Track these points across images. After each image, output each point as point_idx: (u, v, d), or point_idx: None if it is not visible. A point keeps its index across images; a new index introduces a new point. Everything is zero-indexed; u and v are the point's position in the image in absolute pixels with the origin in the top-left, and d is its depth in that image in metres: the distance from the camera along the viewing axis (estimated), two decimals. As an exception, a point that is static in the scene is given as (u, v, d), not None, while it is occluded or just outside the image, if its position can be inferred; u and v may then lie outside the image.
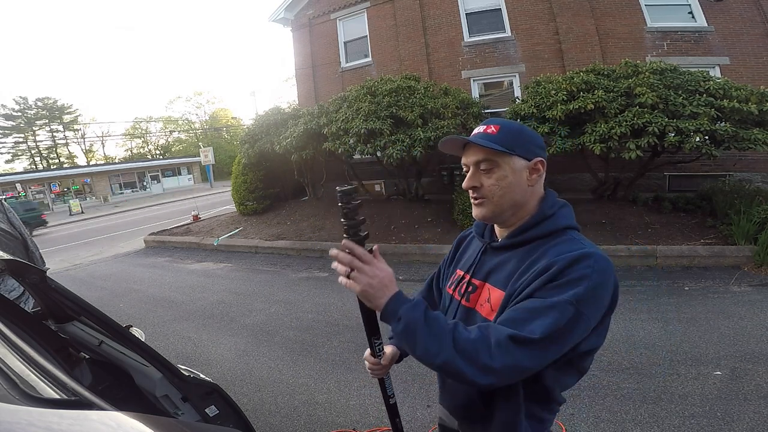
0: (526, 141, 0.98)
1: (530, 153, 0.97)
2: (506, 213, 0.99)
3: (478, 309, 1.01)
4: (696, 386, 2.68)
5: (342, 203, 0.96)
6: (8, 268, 1.34)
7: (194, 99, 47.87)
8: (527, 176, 0.98)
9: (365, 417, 2.72)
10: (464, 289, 1.06)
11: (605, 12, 8.33)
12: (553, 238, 0.95)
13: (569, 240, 0.94)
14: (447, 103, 7.21)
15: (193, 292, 5.89)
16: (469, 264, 1.09)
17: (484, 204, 0.99)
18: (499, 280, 0.98)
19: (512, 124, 1.00)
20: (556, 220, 0.98)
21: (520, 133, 0.98)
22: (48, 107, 40.33)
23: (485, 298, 1.00)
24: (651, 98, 5.43)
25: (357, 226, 0.95)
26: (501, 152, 0.95)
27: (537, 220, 0.98)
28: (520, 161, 0.96)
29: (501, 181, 0.96)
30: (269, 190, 10.38)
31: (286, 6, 11.51)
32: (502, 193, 0.97)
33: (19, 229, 3.68)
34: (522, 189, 0.97)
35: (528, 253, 0.96)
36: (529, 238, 0.97)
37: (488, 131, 0.98)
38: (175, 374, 1.44)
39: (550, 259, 0.89)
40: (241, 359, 3.71)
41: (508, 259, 0.99)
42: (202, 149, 23.80)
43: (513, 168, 0.96)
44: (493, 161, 0.96)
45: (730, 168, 7.48)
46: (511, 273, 0.95)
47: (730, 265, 4.83)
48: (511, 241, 1.00)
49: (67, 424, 0.54)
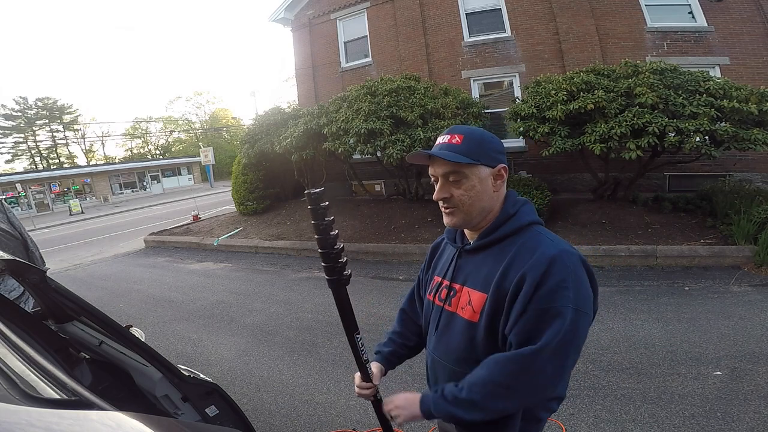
0: (489, 149, 1.02)
1: (494, 160, 1.02)
2: (476, 219, 1.05)
3: (460, 312, 1.05)
4: (696, 386, 2.68)
5: (312, 205, 1.06)
6: (8, 268, 1.34)
7: (194, 99, 47.91)
8: (492, 182, 1.03)
9: (365, 417, 2.72)
10: (445, 294, 1.11)
11: (605, 12, 8.32)
12: (520, 234, 1.02)
13: (535, 235, 1.01)
14: (447, 103, 7.21)
15: (193, 292, 5.89)
16: (445, 269, 1.14)
17: (455, 213, 1.05)
18: (478, 282, 1.03)
19: (474, 132, 1.03)
20: (519, 218, 1.04)
21: (482, 141, 1.02)
22: (48, 107, 40.33)
23: (465, 301, 1.04)
24: (651, 98, 5.43)
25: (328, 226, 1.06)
26: (468, 164, 0.99)
27: (502, 220, 1.04)
28: (486, 169, 1.02)
29: (469, 191, 1.01)
30: (269, 190, 10.38)
31: (286, 6, 11.51)
32: (471, 201, 1.02)
33: (19, 229, 3.68)
34: (488, 195, 1.03)
35: (501, 253, 1.01)
36: (498, 237, 1.03)
37: (453, 141, 1.02)
38: (175, 374, 1.44)
39: (523, 268, 0.94)
40: (241, 359, 3.71)
41: (482, 261, 1.05)
42: (202, 149, 23.85)
43: (480, 177, 1.01)
44: (460, 173, 1.01)
45: (730, 168, 7.48)
46: (489, 274, 1.01)
47: (730, 265, 4.83)
48: (481, 243, 1.06)
49: (67, 424, 0.54)
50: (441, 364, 1.12)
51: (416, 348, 1.35)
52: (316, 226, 1.08)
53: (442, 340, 1.11)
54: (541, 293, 0.90)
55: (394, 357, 1.33)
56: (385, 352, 1.34)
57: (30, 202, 26.96)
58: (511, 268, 0.96)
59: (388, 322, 4.12)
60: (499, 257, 1.01)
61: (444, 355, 1.10)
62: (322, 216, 1.07)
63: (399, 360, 1.34)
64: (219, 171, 36.76)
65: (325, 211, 1.07)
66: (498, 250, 1.02)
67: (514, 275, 0.95)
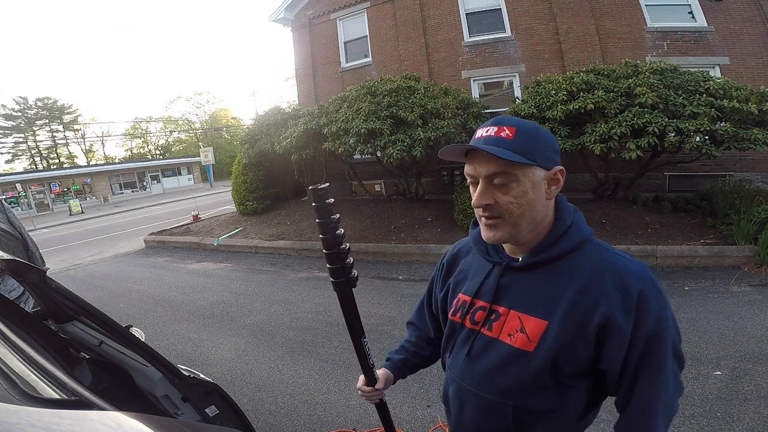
0: (544, 146, 0.84)
1: (550, 161, 0.85)
2: (524, 231, 0.87)
3: (506, 339, 0.90)
4: (696, 386, 2.68)
5: (317, 202, 0.98)
6: (8, 268, 1.34)
7: (194, 99, 47.99)
8: (546, 188, 0.85)
9: (365, 417, 2.72)
10: (482, 317, 0.94)
11: (605, 12, 8.33)
12: (582, 250, 0.87)
13: (600, 250, 0.87)
14: (447, 103, 7.21)
15: (193, 292, 5.89)
16: (477, 288, 0.97)
17: (499, 225, 0.86)
18: (534, 307, 0.87)
19: (527, 126, 0.85)
20: (579, 231, 0.88)
21: (537, 136, 0.84)
22: (48, 107, 40.33)
23: (515, 328, 0.88)
24: (651, 98, 5.43)
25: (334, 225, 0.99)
26: (522, 164, 0.81)
27: (559, 233, 0.87)
28: (541, 172, 0.83)
29: (520, 198, 0.83)
30: (269, 190, 10.38)
31: (286, 6, 11.51)
32: (522, 211, 0.84)
33: (19, 229, 3.68)
34: (541, 204, 0.85)
35: (561, 272, 0.86)
36: (557, 254, 0.87)
37: (502, 135, 0.82)
38: (175, 374, 1.44)
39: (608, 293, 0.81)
40: (241, 359, 3.71)
41: (537, 281, 0.88)
42: (202, 149, 23.86)
43: (533, 181, 0.83)
44: (511, 174, 0.82)
45: (730, 168, 7.48)
46: (551, 298, 0.85)
47: (730, 265, 4.83)
48: (536, 260, 0.88)
49: (67, 424, 0.54)
50: (473, 393, 0.96)
51: (430, 358, 1.24)
52: (322, 224, 1.00)
53: (476, 368, 0.95)
54: (644, 323, 0.79)
55: (404, 365, 1.23)
56: (396, 360, 1.23)
57: (30, 202, 26.96)
58: (587, 293, 0.82)
59: (389, 323, 4.13)
60: (559, 278, 0.85)
61: (479, 385, 0.95)
62: (327, 214, 0.99)
63: (410, 369, 1.24)
64: (219, 171, 36.77)
65: (331, 208, 0.99)
66: (557, 268, 0.86)
67: (595, 302, 0.81)
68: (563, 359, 0.84)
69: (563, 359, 0.84)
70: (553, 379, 0.86)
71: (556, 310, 0.84)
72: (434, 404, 2.77)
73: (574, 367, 0.85)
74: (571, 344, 0.83)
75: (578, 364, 0.85)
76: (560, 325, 0.83)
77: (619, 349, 0.81)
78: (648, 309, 0.80)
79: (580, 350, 0.83)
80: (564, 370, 0.85)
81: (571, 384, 0.88)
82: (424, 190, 8.73)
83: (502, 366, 0.90)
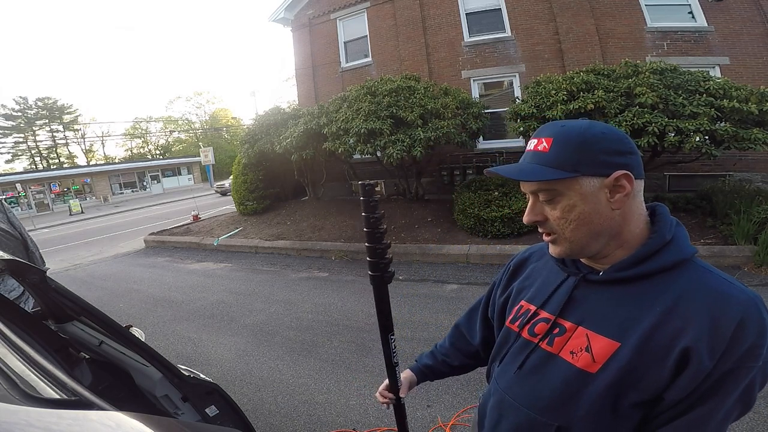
0: (595, 151, 0.74)
1: (604, 166, 0.74)
2: (591, 246, 0.79)
3: (567, 357, 0.81)
4: (696, 386, 2.67)
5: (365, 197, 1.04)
6: (8, 268, 1.34)
7: (194, 99, 48.07)
8: (607, 198, 0.75)
9: (365, 417, 2.72)
10: (543, 330, 0.86)
11: (605, 12, 8.33)
12: (680, 270, 0.75)
13: (702, 272, 0.74)
14: (447, 103, 7.21)
15: (193, 292, 5.89)
16: (546, 298, 0.89)
17: (557, 242, 0.81)
18: (606, 326, 0.77)
19: (570, 131, 0.76)
20: (680, 248, 0.76)
21: (583, 141, 0.75)
22: (48, 107, 40.34)
23: (580, 346, 0.80)
24: (651, 98, 5.43)
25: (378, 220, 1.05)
26: (556, 180, 0.75)
27: (654, 249, 0.76)
28: (592, 180, 0.75)
29: (568, 213, 0.77)
30: (269, 190, 10.38)
31: (286, 6, 11.51)
32: (574, 226, 0.77)
33: (19, 229, 3.68)
34: (603, 216, 0.76)
35: (646, 292, 0.75)
36: (647, 271, 0.76)
37: (539, 148, 0.77)
38: (175, 374, 1.44)
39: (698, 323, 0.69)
40: (241, 359, 3.71)
41: (615, 299, 0.78)
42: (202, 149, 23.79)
43: (582, 193, 0.75)
44: (552, 190, 0.77)
45: (730, 168, 7.48)
46: (628, 319, 0.75)
47: (730, 265, 4.83)
48: (620, 275, 0.78)
49: (67, 424, 0.54)
50: (516, 407, 0.89)
51: (459, 368, 1.19)
52: (367, 219, 1.05)
53: (528, 382, 0.87)
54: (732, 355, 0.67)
55: (430, 371, 1.21)
56: (422, 365, 1.22)
57: (30, 202, 26.98)
58: (671, 318, 0.71)
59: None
60: (645, 298, 0.75)
61: (526, 400, 0.87)
62: (373, 209, 1.05)
63: (435, 376, 1.22)
64: (219, 171, 36.74)
65: (376, 204, 1.05)
66: (643, 287, 0.76)
67: (679, 329, 0.70)
68: (630, 386, 0.75)
69: (630, 386, 0.75)
70: (612, 406, 0.77)
71: (633, 333, 0.74)
72: (434, 404, 2.77)
73: (640, 395, 0.75)
74: (644, 371, 0.73)
75: (646, 391, 0.74)
76: (634, 350, 0.73)
77: (692, 382, 0.70)
78: (742, 341, 0.67)
79: (653, 378, 0.73)
80: (629, 397, 0.75)
81: (627, 413, 0.77)
82: (424, 190, 8.73)
83: (555, 383, 0.82)
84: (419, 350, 1.33)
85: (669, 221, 0.80)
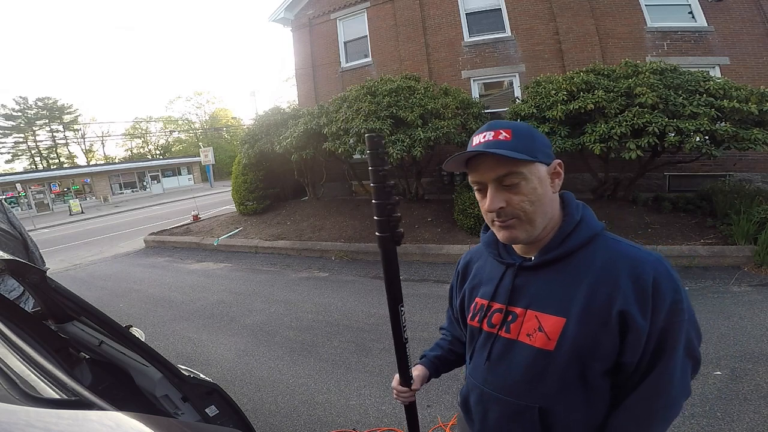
0: (540, 143, 0.87)
1: (548, 156, 0.88)
2: (539, 229, 0.87)
3: (526, 340, 0.89)
4: (696, 386, 2.67)
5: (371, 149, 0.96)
6: (8, 268, 1.34)
7: (194, 99, 48.13)
8: (550, 183, 0.88)
9: (365, 417, 2.72)
10: (499, 319, 0.94)
11: (605, 12, 8.33)
12: (594, 244, 0.87)
13: (612, 243, 0.87)
14: (447, 104, 7.21)
15: (193, 292, 5.89)
16: (493, 290, 0.97)
17: (516, 226, 0.87)
18: (550, 305, 0.86)
19: (521, 126, 0.88)
20: (590, 224, 0.88)
21: (533, 135, 0.87)
22: (48, 107, 40.34)
23: (533, 327, 0.88)
24: (651, 98, 5.43)
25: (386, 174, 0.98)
26: (526, 161, 0.83)
27: (569, 228, 0.88)
28: (543, 167, 0.86)
29: (532, 194, 0.84)
30: (269, 190, 10.38)
31: (286, 6, 11.51)
32: (534, 208, 0.85)
33: (19, 229, 3.68)
34: (550, 198, 0.87)
35: (575, 268, 0.86)
36: (569, 249, 0.87)
37: (500, 138, 0.84)
38: (175, 374, 1.44)
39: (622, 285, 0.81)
40: (241, 359, 3.71)
41: (552, 279, 0.88)
42: (202, 149, 23.83)
43: (539, 177, 0.85)
44: (519, 174, 0.83)
45: (730, 168, 7.48)
46: (566, 295, 0.85)
47: (730, 265, 4.83)
48: (548, 257, 0.88)
49: (67, 424, 0.54)
50: (495, 398, 0.95)
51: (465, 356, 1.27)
52: (374, 172, 0.96)
53: (498, 371, 0.94)
54: (660, 312, 0.79)
55: (440, 362, 1.23)
56: (431, 356, 1.23)
57: (30, 202, 26.96)
58: (600, 287, 0.82)
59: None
60: (574, 274, 0.85)
61: (501, 388, 0.93)
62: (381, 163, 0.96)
63: (445, 366, 1.24)
64: (219, 171, 36.78)
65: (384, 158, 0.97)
66: (570, 264, 0.87)
67: (610, 295, 0.81)
68: (589, 356, 0.83)
69: (589, 356, 0.83)
70: (581, 379, 0.85)
71: (573, 307, 0.83)
72: (434, 404, 2.77)
73: (602, 363, 0.84)
74: (595, 339, 0.82)
75: (605, 359, 0.83)
76: (579, 321, 0.82)
77: (637, 342, 0.80)
78: (663, 298, 0.79)
79: (605, 344, 0.82)
80: (592, 368, 0.84)
81: (597, 383, 0.86)
82: (424, 190, 8.73)
83: (521, 367, 0.89)
84: (420, 350, 1.30)
85: (576, 204, 0.92)
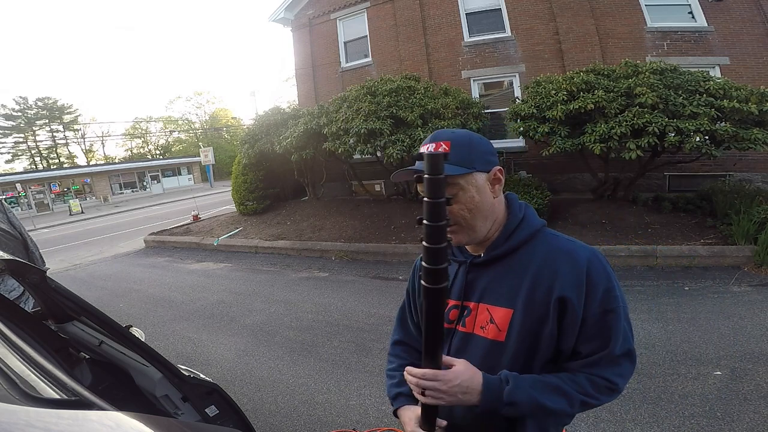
0: (480, 152, 0.92)
1: (488, 163, 0.92)
2: (483, 231, 0.95)
3: (479, 332, 0.95)
4: (696, 386, 2.68)
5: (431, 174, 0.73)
6: (8, 268, 1.34)
7: (194, 99, 48.04)
8: (490, 189, 0.93)
9: (365, 417, 2.72)
10: (456, 315, 1.00)
11: (605, 12, 8.32)
12: (536, 239, 0.95)
13: (551, 238, 0.96)
14: (447, 104, 7.21)
15: (193, 292, 5.89)
16: (451, 288, 1.01)
17: (458, 231, 0.93)
18: (499, 298, 0.94)
19: (461, 136, 0.92)
20: (531, 222, 0.97)
21: (471, 144, 0.92)
22: (48, 107, 40.32)
23: (485, 320, 0.95)
24: (651, 98, 5.43)
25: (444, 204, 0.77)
26: (462, 174, 0.88)
27: (513, 227, 0.96)
28: (481, 176, 0.92)
29: (469, 203, 0.91)
30: (269, 190, 10.38)
31: (286, 6, 11.51)
32: (472, 215, 0.92)
33: (19, 229, 3.68)
34: (489, 203, 0.93)
35: (520, 262, 0.94)
36: (513, 246, 0.95)
37: (440, 150, 0.89)
38: (175, 374, 1.44)
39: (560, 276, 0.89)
40: (241, 359, 3.71)
41: (499, 274, 0.95)
42: (202, 149, 23.82)
43: (477, 186, 0.91)
44: (455, 185, 0.89)
45: (730, 168, 7.47)
46: (512, 287, 0.92)
47: (730, 265, 4.83)
48: (495, 254, 0.96)
49: (67, 424, 0.54)
50: None
51: None
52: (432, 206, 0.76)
53: None
54: (595, 299, 0.88)
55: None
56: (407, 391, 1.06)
57: (30, 202, 26.96)
58: (541, 278, 0.90)
59: (389, 323, 4.12)
60: (519, 267, 0.93)
61: None
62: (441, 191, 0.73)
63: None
64: (219, 171, 36.75)
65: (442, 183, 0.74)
66: (515, 259, 0.94)
67: (550, 285, 0.89)
68: (534, 344, 0.91)
69: (534, 344, 0.91)
70: (527, 369, 0.92)
71: (519, 298, 0.91)
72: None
73: (543, 352, 0.91)
74: (539, 328, 0.90)
75: (547, 348, 0.91)
76: (524, 311, 0.90)
77: (573, 325, 0.88)
78: (596, 285, 0.88)
79: (546, 332, 0.89)
80: (543, 355, 0.92)
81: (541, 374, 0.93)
82: (424, 190, 8.71)
83: (480, 359, 0.94)
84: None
85: (518, 204, 1.00)
